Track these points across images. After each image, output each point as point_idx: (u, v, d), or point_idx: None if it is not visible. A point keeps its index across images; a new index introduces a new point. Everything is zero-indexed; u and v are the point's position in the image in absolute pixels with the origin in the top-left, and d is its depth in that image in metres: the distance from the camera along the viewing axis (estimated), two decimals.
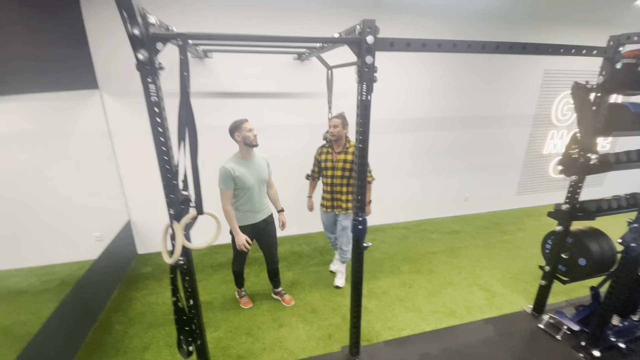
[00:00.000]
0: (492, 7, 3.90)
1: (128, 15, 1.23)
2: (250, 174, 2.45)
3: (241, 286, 2.90)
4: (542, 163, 5.06)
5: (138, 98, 3.17)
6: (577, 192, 2.37)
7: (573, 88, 2.19)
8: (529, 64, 4.39)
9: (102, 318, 2.73)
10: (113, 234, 3.27)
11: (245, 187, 2.44)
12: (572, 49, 1.90)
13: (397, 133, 4.18)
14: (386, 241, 4.06)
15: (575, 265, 2.51)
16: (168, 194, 1.54)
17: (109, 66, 3.06)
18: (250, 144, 2.41)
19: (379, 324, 2.67)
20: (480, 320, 2.71)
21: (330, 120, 2.76)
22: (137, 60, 1.32)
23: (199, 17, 3.08)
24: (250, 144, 2.41)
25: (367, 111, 1.73)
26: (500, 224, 4.62)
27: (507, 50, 1.79)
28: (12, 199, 2.72)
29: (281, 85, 3.57)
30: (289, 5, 3.29)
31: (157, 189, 3.54)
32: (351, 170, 2.75)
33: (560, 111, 4.79)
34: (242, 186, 2.43)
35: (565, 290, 3.09)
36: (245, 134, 2.38)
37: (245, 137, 2.38)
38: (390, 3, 3.57)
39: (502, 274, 3.38)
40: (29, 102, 2.51)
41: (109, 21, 2.93)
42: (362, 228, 1.92)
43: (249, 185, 2.45)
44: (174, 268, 1.63)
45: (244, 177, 2.41)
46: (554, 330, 2.57)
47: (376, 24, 1.56)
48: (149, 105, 1.40)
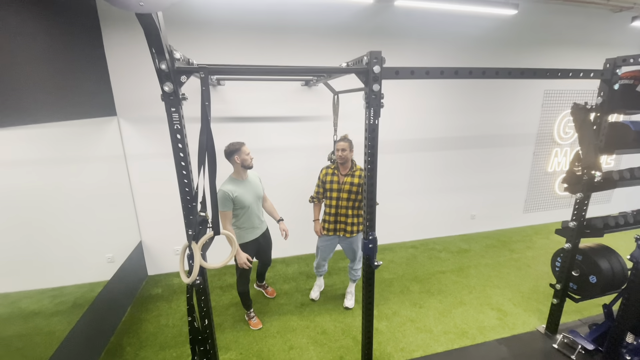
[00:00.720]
0: (491, 32, 4.07)
1: (157, 51, 1.35)
2: (248, 193, 2.61)
3: (249, 308, 2.93)
4: (548, 180, 5.09)
5: (152, 124, 3.36)
6: (584, 209, 2.40)
7: (573, 109, 2.27)
8: (530, 84, 4.51)
9: (114, 340, 2.74)
10: (125, 255, 3.33)
11: (244, 206, 2.58)
12: (569, 73, 2.00)
13: (403, 153, 4.27)
14: (395, 261, 4.06)
15: (587, 283, 2.50)
16: (187, 216, 1.60)
17: (127, 94, 3.23)
18: (248, 167, 2.60)
19: (391, 345, 2.64)
20: (493, 341, 2.68)
21: (337, 143, 2.76)
22: (163, 92, 1.43)
23: (212, 49, 3.27)
24: (247, 166, 2.59)
25: (375, 134, 1.82)
26: (508, 242, 4.60)
27: (507, 75, 1.89)
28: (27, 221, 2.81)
29: (289, 109, 3.71)
30: (294, 36, 3.48)
31: (168, 210, 3.67)
32: (357, 193, 2.77)
33: (563, 129, 4.87)
34: (241, 206, 2.57)
35: (578, 309, 3.05)
36: (244, 157, 2.56)
37: (243, 159, 2.56)
38: (392, 31, 3.75)
39: (513, 293, 3.35)
40: (50, 129, 2.64)
41: (128, 54, 3.13)
42: (372, 247, 1.97)
43: (247, 204, 2.59)
44: (191, 288, 1.68)
45: (242, 196, 2.56)
46: (568, 350, 2.53)
47: (382, 55, 1.67)
48: (172, 133, 1.51)
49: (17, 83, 2.06)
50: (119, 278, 3.08)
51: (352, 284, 3.17)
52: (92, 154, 3.14)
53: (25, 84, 2.13)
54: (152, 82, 3.20)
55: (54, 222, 3.02)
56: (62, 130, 2.81)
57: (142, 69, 3.20)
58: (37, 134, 2.60)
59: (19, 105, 2.08)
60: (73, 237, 3.17)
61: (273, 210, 3.00)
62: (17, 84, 2.06)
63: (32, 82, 2.21)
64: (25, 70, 2.15)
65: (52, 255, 3.11)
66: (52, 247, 3.08)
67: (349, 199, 2.79)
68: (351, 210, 2.83)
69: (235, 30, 3.31)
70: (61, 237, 3.10)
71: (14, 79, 2.03)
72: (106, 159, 3.26)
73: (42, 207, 2.90)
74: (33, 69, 2.22)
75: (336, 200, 2.83)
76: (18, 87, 2.06)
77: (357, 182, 2.76)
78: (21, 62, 2.12)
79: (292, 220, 3.35)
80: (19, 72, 2.08)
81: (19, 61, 2.09)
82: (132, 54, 3.14)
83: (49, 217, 2.99)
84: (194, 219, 1.62)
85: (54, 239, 3.07)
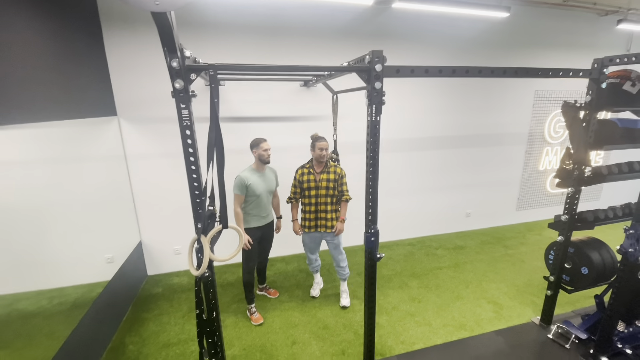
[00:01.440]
0: (484, 34, 4.19)
1: (169, 49, 1.40)
2: (261, 184, 2.81)
3: (251, 302, 3.00)
4: (539, 179, 5.23)
5: (152, 124, 3.39)
6: (575, 203, 2.50)
7: (563, 107, 2.37)
8: (521, 85, 4.65)
9: (116, 339, 2.75)
10: (125, 256, 3.33)
11: (255, 194, 2.79)
12: (559, 72, 2.09)
13: (399, 152, 4.36)
14: (393, 258, 4.13)
15: (579, 275, 2.60)
16: (196, 209, 1.64)
17: (127, 94, 3.26)
18: (264, 161, 2.81)
19: (391, 338, 2.70)
20: (491, 332, 2.75)
21: (320, 142, 2.83)
22: (174, 89, 1.47)
23: (212, 50, 3.31)
24: (264, 161, 2.80)
25: (377, 131, 1.88)
26: (502, 238, 4.71)
27: (501, 74, 1.98)
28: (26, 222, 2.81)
29: (288, 109, 3.77)
30: (292, 38, 3.54)
31: (168, 211, 3.69)
32: (334, 188, 2.89)
33: (553, 129, 5.01)
34: (252, 193, 2.78)
35: (571, 301, 3.15)
36: (261, 152, 2.77)
37: (260, 154, 2.78)
38: (390, 33, 3.85)
39: (508, 287, 3.44)
40: (51, 129, 2.66)
41: (128, 54, 3.16)
42: (374, 240, 2.03)
43: (258, 193, 2.79)
44: (199, 280, 1.71)
45: (255, 186, 2.77)
46: (562, 339, 2.62)
47: (383, 54, 1.74)
48: (181, 129, 1.54)
49: (18, 81, 2.08)
50: (119, 278, 3.08)
51: (343, 282, 3.21)
52: (93, 154, 3.15)
53: (25, 82, 2.15)
54: (151, 82, 3.27)
55: (53, 223, 3.01)
56: (62, 131, 2.82)
57: (142, 70, 3.23)
58: (38, 134, 2.61)
59: (19, 103, 2.10)
60: (72, 237, 3.17)
61: (277, 207, 3.17)
62: (18, 83, 2.08)
63: (33, 80, 2.23)
64: (26, 69, 2.17)
65: (51, 256, 3.10)
66: (51, 248, 3.07)
67: (327, 195, 2.90)
68: (330, 206, 2.93)
69: (235, 33, 3.36)
70: (60, 237, 3.10)
71: (15, 77, 2.05)
72: (106, 158, 3.27)
73: (41, 207, 2.90)
74: (34, 67, 2.24)
75: (315, 198, 2.91)
76: (18, 86, 2.08)
77: (332, 178, 2.87)
78: (22, 61, 2.14)
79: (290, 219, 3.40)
80: (19, 70, 2.10)
81: (19, 60, 2.11)
82: (133, 54, 3.17)
83: (48, 217, 2.99)
84: (203, 213, 1.65)
85: (52, 239, 3.07)
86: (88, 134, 3.10)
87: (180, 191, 3.54)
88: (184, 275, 3.80)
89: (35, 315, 2.91)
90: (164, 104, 3.31)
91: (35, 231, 2.94)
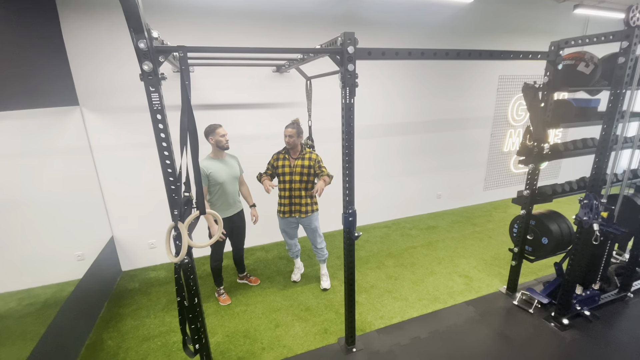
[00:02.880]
0: (451, 19, 4.31)
1: (135, 30, 1.35)
2: (223, 171, 2.75)
3: (220, 284, 3.08)
4: (504, 160, 5.53)
5: (118, 114, 3.26)
6: (535, 179, 2.68)
7: (523, 88, 2.52)
8: (486, 70, 4.85)
9: (93, 336, 2.67)
10: (96, 252, 3.21)
11: (218, 182, 2.73)
12: (520, 54, 2.21)
13: (372, 138, 4.44)
14: (370, 240, 4.25)
15: (539, 245, 2.81)
16: (171, 195, 1.62)
17: (89, 83, 3.08)
18: (222, 147, 2.73)
19: (371, 314, 2.81)
20: (462, 303, 2.93)
21: (285, 129, 2.85)
22: (142, 71, 1.43)
23: (180, 34, 3.18)
24: (222, 147, 2.73)
25: (351, 113, 1.92)
26: (471, 217, 4.96)
27: (467, 56, 2.06)
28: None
29: (261, 96, 3.72)
30: (264, 21, 3.48)
31: (140, 204, 3.59)
32: (309, 175, 2.91)
33: (516, 112, 5.29)
34: (215, 182, 2.72)
35: (534, 271, 3.41)
36: (218, 138, 2.69)
37: (218, 140, 2.70)
38: (360, 18, 3.86)
39: (477, 261, 3.66)
40: (9, 120, 2.49)
41: (88, 39, 2.97)
42: (352, 220, 2.09)
43: (221, 180, 2.74)
44: (178, 268, 1.70)
45: (216, 173, 2.71)
46: (527, 305, 2.84)
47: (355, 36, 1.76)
48: (152, 113, 1.50)
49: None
50: (91, 276, 2.97)
51: (322, 265, 3.28)
52: (54, 147, 2.98)
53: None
54: (115, 69, 3.12)
55: (15, 221, 2.85)
56: (20, 123, 2.65)
57: (104, 56, 3.05)
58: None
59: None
60: (38, 236, 3.01)
61: (248, 195, 3.11)
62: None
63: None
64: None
65: (16, 257, 2.94)
66: (16, 248, 2.91)
67: (301, 181, 2.92)
68: (304, 192, 2.96)
69: (202, 18, 3.24)
70: (25, 236, 2.93)
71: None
72: (70, 151, 3.10)
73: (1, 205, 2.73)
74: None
75: (289, 184, 2.94)
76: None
77: (307, 165, 2.90)
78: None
79: (268, 207, 3.40)
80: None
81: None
82: (93, 40, 2.99)
83: (9, 215, 2.82)
84: (179, 199, 1.63)
85: (16, 238, 2.90)
86: (48, 125, 2.92)
87: (152, 183, 3.43)
88: (160, 269, 3.72)
89: (5, 317, 2.77)
90: (129, 92, 3.16)
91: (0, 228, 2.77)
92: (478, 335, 2.55)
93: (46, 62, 2.76)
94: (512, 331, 2.58)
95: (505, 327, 2.62)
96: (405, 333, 2.58)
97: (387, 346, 2.45)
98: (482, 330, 2.60)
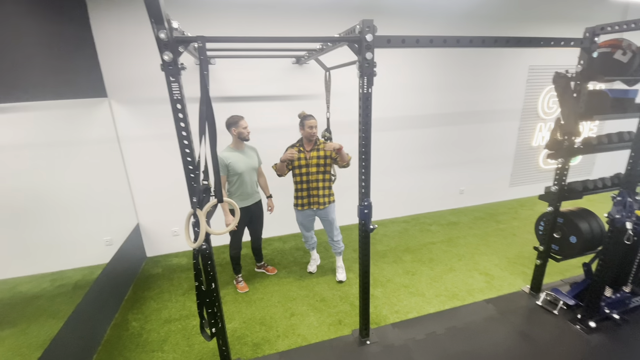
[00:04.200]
0: (477, 7, 4.13)
1: (156, 20, 1.38)
2: (242, 162, 2.82)
3: (239, 272, 3.16)
4: (532, 155, 5.28)
5: (144, 105, 3.36)
6: (564, 174, 2.54)
7: (555, 77, 2.38)
8: (514, 60, 4.62)
9: (119, 317, 2.82)
10: (123, 238, 3.37)
11: (237, 172, 2.79)
12: (550, 41, 2.09)
13: (393, 130, 4.36)
14: (388, 234, 4.20)
15: (567, 244, 2.68)
16: (190, 183, 1.66)
17: (117, 75, 3.20)
18: (243, 139, 2.82)
19: (386, 308, 2.79)
20: (482, 301, 2.85)
21: (309, 120, 2.82)
22: (163, 61, 1.46)
23: (199, 27, 3.24)
24: (244, 138, 2.81)
25: (369, 103, 1.88)
26: (495, 214, 4.79)
27: (492, 43, 1.97)
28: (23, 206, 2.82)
29: (280, 88, 3.74)
30: (285, 12, 3.47)
31: (164, 192, 3.71)
32: (325, 165, 2.90)
33: (547, 104, 5.02)
34: (234, 172, 2.78)
35: (560, 271, 3.25)
36: (240, 130, 2.77)
37: (240, 132, 2.77)
38: (382, 6, 3.78)
39: (500, 259, 3.54)
40: (44, 111, 2.63)
41: (116, 33, 3.09)
42: (367, 212, 2.07)
43: (240, 171, 2.80)
44: (197, 253, 1.75)
45: (235, 164, 2.77)
46: (551, 306, 2.72)
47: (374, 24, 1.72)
48: (172, 102, 1.54)
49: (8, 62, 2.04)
50: (118, 260, 3.12)
51: (339, 257, 3.28)
52: (86, 137, 3.14)
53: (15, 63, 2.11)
54: (141, 62, 3.21)
55: (50, 207, 3.03)
56: (52, 114, 2.80)
57: (131, 50, 3.16)
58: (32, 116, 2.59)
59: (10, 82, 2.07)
60: (70, 221, 3.19)
61: (266, 186, 3.18)
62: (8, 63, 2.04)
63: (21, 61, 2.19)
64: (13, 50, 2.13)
65: (51, 241, 3.14)
66: (50, 232, 3.10)
67: (318, 172, 2.92)
68: (322, 183, 2.95)
69: (221, 10, 3.28)
70: (58, 222, 3.12)
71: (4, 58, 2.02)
72: (99, 141, 3.26)
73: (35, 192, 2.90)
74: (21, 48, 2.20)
75: (306, 176, 2.93)
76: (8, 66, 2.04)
77: (322, 155, 2.88)
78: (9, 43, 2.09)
79: (285, 198, 3.43)
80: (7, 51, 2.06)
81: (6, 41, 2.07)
82: (120, 34, 3.10)
83: (44, 201, 3.00)
84: (197, 187, 1.67)
85: (51, 224, 3.09)
86: (79, 116, 3.07)
87: (176, 173, 3.52)
88: (182, 256, 3.86)
89: (39, 297, 2.98)
90: (154, 84, 3.27)
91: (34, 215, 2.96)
92: (498, 334, 2.47)
93: (77, 55, 2.89)
94: (534, 331, 2.48)
95: (526, 327, 2.53)
96: (420, 328, 2.54)
97: (401, 340, 2.43)
98: (502, 329, 2.52)
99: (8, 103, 2.19)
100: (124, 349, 2.45)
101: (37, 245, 3.04)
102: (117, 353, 2.42)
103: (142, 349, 2.45)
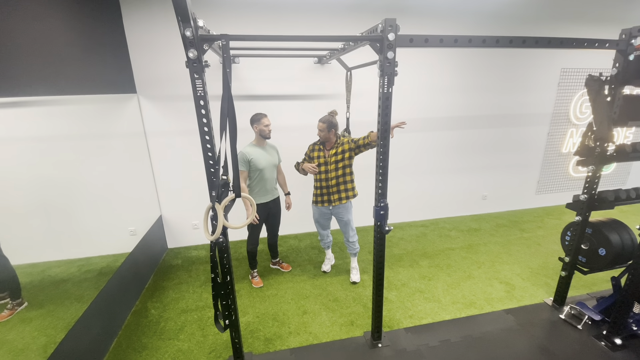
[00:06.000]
0: (506, 7, 3.99)
1: (182, 18, 1.43)
2: (263, 158, 2.88)
3: (254, 267, 3.21)
4: (562, 162, 5.04)
5: (170, 102, 3.48)
6: (595, 182, 2.42)
7: (587, 80, 2.26)
8: (545, 62, 4.44)
9: (139, 304, 2.94)
10: (146, 229, 3.50)
11: (258, 168, 2.86)
12: (584, 42, 2.00)
13: (414, 132, 4.29)
14: (404, 238, 4.14)
15: (596, 256, 2.55)
16: (210, 177, 1.71)
17: (146, 73, 3.34)
18: (265, 137, 2.89)
19: (400, 312, 2.75)
20: (501, 311, 2.76)
21: (318, 124, 2.88)
22: (188, 59, 1.51)
23: (225, 22, 3.32)
24: (265, 136, 2.89)
25: (389, 103, 1.87)
26: (519, 222, 4.62)
27: (520, 44, 1.91)
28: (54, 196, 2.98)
29: (302, 87, 3.77)
30: (308, 12, 3.50)
31: (186, 187, 3.82)
32: (343, 160, 2.89)
33: (579, 109, 4.78)
34: (255, 168, 2.86)
35: (586, 284, 3.10)
36: (262, 127, 2.84)
37: (261, 130, 2.85)
38: (406, 6, 3.73)
39: (522, 268, 3.41)
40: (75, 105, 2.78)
41: (146, 32, 3.22)
42: (383, 213, 2.05)
43: (261, 167, 2.86)
44: (214, 246, 1.80)
45: (257, 160, 2.84)
46: (575, 320, 2.59)
47: (397, 23, 1.71)
48: (195, 99, 1.59)
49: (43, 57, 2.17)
50: (140, 250, 3.25)
51: (353, 258, 3.26)
52: (116, 131, 3.28)
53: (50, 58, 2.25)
54: (169, 60, 3.33)
55: (80, 196, 3.20)
56: (85, 108, 2.95)
57: (160, 49, 3.29)
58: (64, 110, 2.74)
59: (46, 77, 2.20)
60: (98, 211, 3.35)
61: (284, 183, 3.23)
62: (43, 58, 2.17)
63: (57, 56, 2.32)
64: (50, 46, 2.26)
65: (80, 229, 3.31)
66: (80, 221, 3.27)
67: (336, 169, 2.92)
68: (342, 178, 2.95)
69: (245, 11, 3.35)
70: (87, 211, 3.29)
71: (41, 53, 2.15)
72: (127, 135, 3.40)
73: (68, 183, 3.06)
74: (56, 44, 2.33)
75: (325, 174, 2.95)
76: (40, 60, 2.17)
77: (340, 151, 2.88)
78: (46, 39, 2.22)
79: (303, 197, 3.46)
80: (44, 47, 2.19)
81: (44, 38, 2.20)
82: (151, 33, 3.23)
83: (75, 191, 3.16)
84: (217, 182, 1.72)
85: (80, 212, 3.26)
86: (109, 111, 3.22)
87: (199, 169, 3.65)
88: (201, 249, 3.96)
89: (66, 281, 3.14)
90: (180, 82, 3.38)
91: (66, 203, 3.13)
92: (516, 346, 2.38)
93: (110, 52, 3.03)
94: (555, 346, 2.37)
95: (547, 341, 2.42)
96: (435, 334, 2.49)
97: (414, 345, 2.39)
98: (521, 341, 2.42)
99: (52, 96, 2.33)
100: (142, 335, 2.55)
101: (68, 232, 3.21)
102: (136, 338, 2.52)
103: (159, 336, 2.54)
